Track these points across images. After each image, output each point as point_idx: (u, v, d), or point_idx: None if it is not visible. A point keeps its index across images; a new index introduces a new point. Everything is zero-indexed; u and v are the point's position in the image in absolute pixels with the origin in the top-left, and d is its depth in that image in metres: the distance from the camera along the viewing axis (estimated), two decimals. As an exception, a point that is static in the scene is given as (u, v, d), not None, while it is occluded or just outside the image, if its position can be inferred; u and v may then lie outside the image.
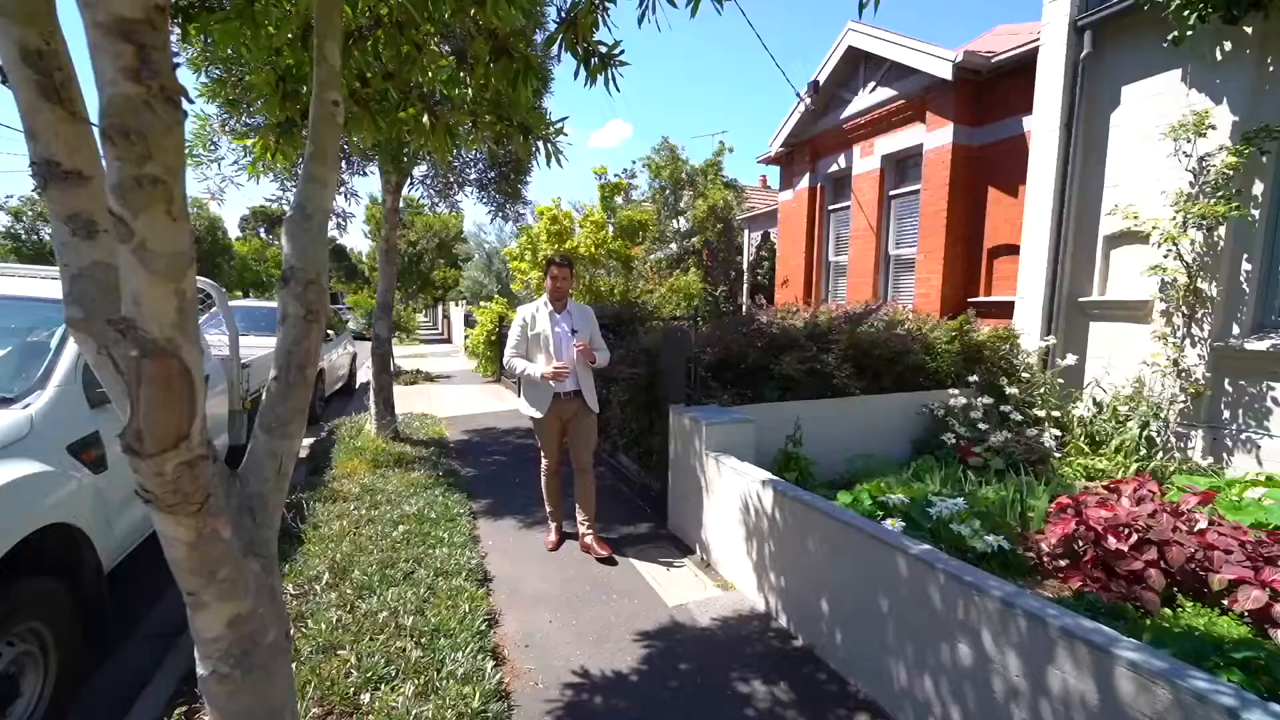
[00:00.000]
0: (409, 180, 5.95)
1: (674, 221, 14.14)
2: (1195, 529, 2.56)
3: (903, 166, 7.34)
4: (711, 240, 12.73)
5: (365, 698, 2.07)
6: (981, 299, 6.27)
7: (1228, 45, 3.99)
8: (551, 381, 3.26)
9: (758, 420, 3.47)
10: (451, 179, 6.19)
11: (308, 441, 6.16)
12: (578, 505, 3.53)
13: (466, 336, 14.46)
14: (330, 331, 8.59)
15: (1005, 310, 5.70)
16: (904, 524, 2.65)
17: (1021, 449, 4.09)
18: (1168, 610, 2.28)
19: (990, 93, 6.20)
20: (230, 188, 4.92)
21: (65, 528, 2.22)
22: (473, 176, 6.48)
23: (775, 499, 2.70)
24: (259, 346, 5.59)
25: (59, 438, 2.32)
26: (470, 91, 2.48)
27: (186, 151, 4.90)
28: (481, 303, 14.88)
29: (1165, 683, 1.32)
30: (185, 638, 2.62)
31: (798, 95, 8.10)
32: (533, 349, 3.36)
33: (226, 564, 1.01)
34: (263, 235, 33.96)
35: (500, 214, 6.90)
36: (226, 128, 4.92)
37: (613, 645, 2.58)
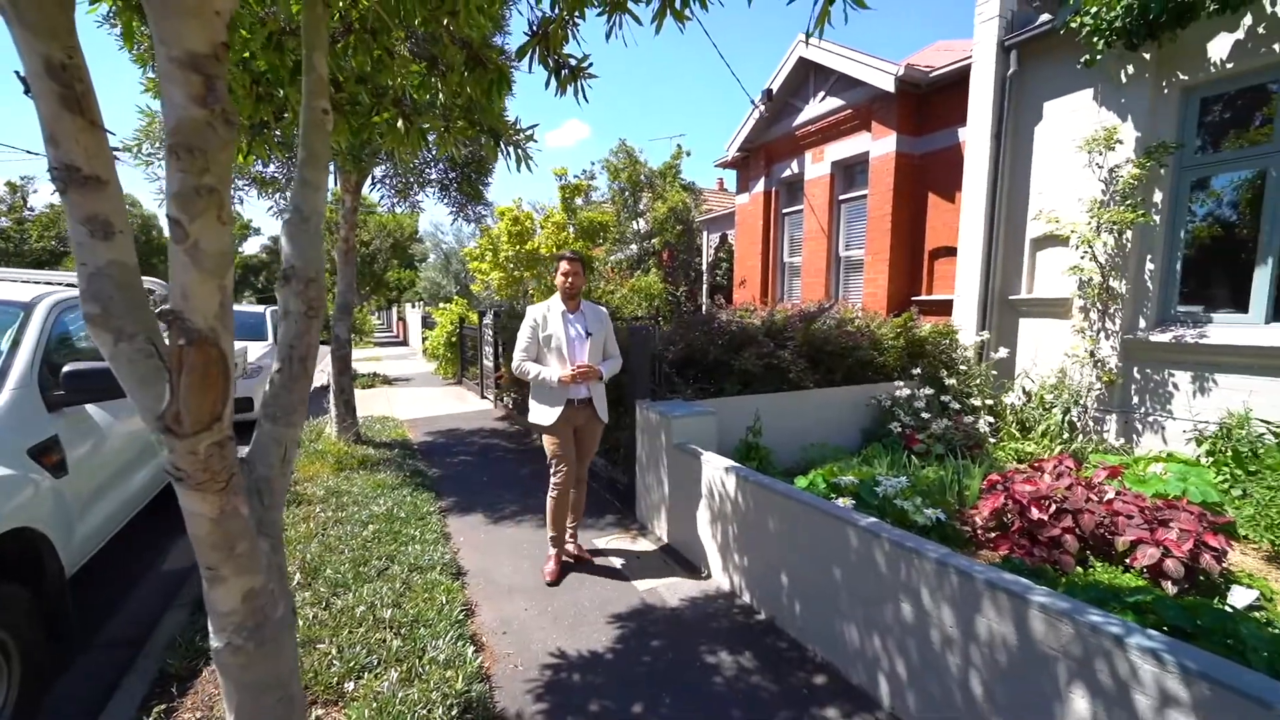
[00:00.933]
0: (368, 179, 5.90)
1: (634, 223, 14.32)
2: (1104, 499, 2.89)
3: (851, 172, 7.73)
4: (671, 241, 12.96)
5: (349, 685, 2.13)
6: (924, 298, 6.70)
7: (1131, 69, 4.45)
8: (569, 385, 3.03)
9: (720, 413, 3.66)
10: (411, 179, 6.15)
11: (264, 447, 6.00)
12: (570, 514, 3.35)
13: (425, 338, 14.21)
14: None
15: (945, 308, 6.12)
16: (854, 502, 2.89)
17: (960, 435, 4.44)
18: (1080, 569, 2.58)
19: (929, 105, 6.63)
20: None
21: (28, 532, 2.18)
22: (433, 177, 6.46)
23: (738, 484, 2.89)
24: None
25: (18, 442, 2.27)
26: (442, 96, 2.56)
27: (135, 149, 4.74)
28: (441, 304, 14.64)
29: (1068, 619, 1.55)
30: (152, 644, 2.60)
31: (752, 102, 8.41)
32: (543, 352, 3.12)
33: (244, 539, 1.09)
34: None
35: (462, 215, 6.89)
36: None
37: (587, 628, 2.70)
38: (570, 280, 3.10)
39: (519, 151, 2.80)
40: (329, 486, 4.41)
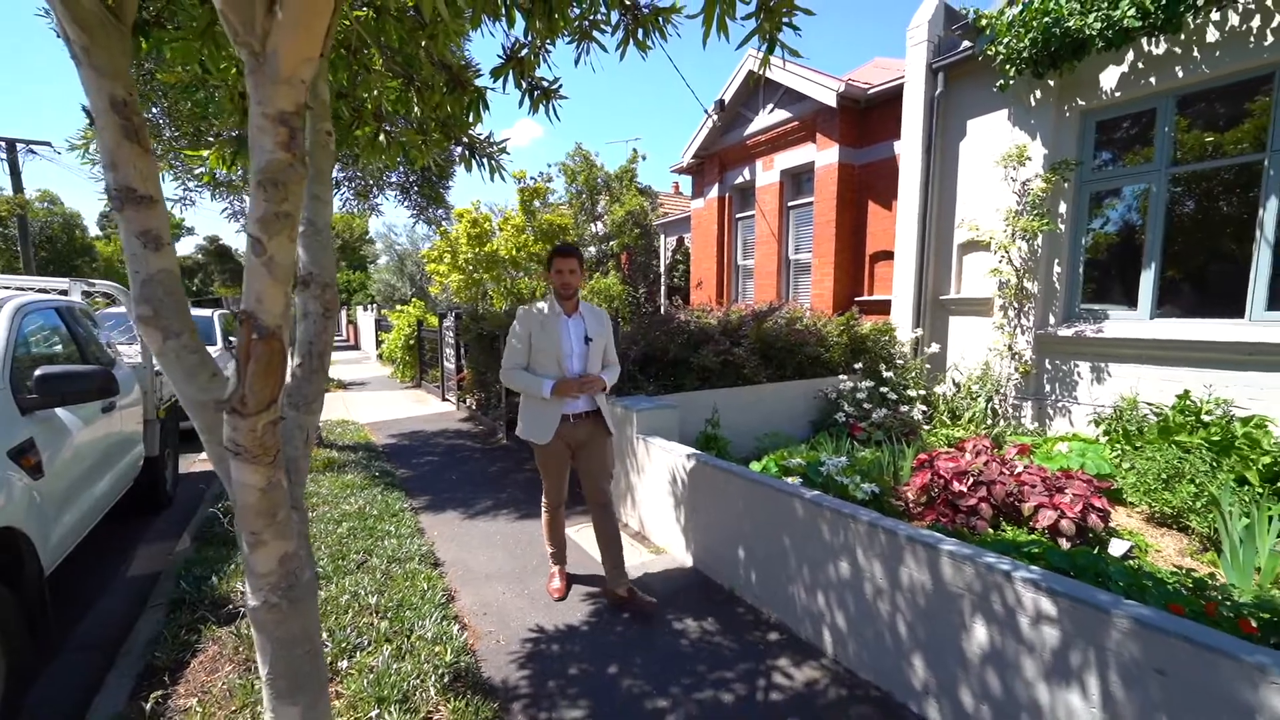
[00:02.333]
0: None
1: (591, 225, 14.53)
2: (1014, 473, 3.32)
3: (799, 180, 8.20)
4: (629, 244, 13.24)
5: (343, 664, 2.27)
6: (865, 298, 7.21)
7: (1038, 93, 5.00)
8: (572, 396, 2.67)
9: (680, 407, 3.94)
10: (371, 182, 6.17)
11: (220, 453, 5.90)
12: (603, 552, 2.90)
13: (381, 342, 13.97)
14: (233, 339, 8.15)
15: (884, 307, 6.62)
16: (801, 481, 3.21)
17: (897, 423, 4.88)
18: (993, 531, 2.99)
19: (868, 119, 7.15)
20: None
21: (10, 533, 2.21)
22: (393, 179, 6.49)
23: (698, 469, 3.16)
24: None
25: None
26: (418, 110, 2.72)
27: (82, 149, 4.67)
28: (397, 306, 14.43)
29: (969, 562, 1.89)
30: (132, 642, 2.65)
31: (706, 112, 8.77)
32: (536, 359, 2.75)
33: (283, 508, 1.26)
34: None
35: (423, 218, 6.94)
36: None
37: (564, 606, 2.91)
38: (568, 278, 2.72)
39: (492, 163, 3.00)
40: (296, 488, 4.43)
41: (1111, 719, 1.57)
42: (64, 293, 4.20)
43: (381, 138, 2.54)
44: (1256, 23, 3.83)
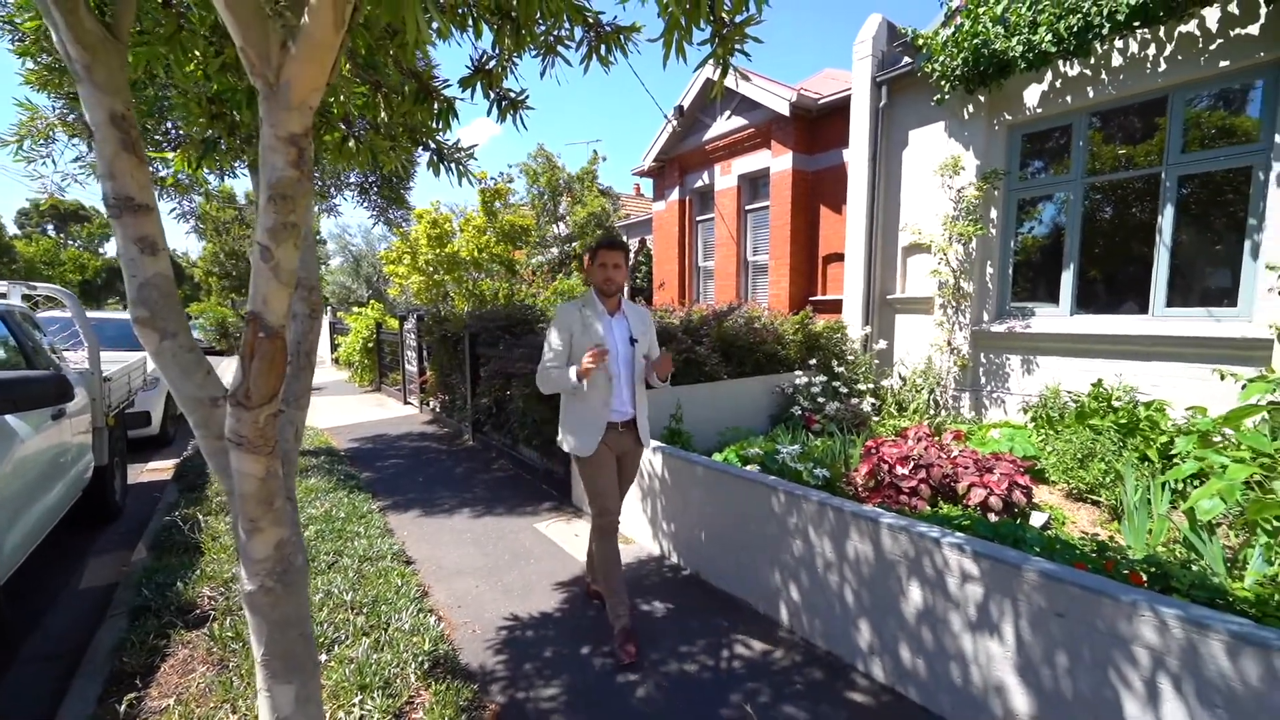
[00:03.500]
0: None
1: (554, 226, 14.56)
2: (950, 456, 3.62)
3: (755, 185, 8.51)
4: (592, 246, 13.33)
5: (323, 657, 2.33)
6: (819, 298, 7.56)
7: (970, 108, 5.40)
8: (607, 402, 2.48)
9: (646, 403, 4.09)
10: (329, 182, 6.10)
11: (171, 462, 5.74)
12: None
13: (337, 345, 13.61)
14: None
15: (836, 306, 6.97)
16: (759, 469, 3.42)
17: (849, 415, 5.18)
18: (931, 509, 3.27)
19: (819, 127, 7.50)
20: (72, 185, 4.51)
21: (-32, 541, 2.18)
22: (352, 179, 6.43)
23: (664, 462, 3.33)
24: (111, 361, 5.11)
25: (-48, 451, 2.25)
26: (384, 115, 2.79)
27: (17, 145, 4.52)
28: (354, 309, 14.08)
29: (905, 532, 2.12)
30: (95, 649, 2.61)
31: (665, 117, 8.98)
32: (578, 359, 2.47)
33: (280, 496, 1.35)
34: (52, 234, 28.34)
35: (383, 219, 6.88)
36: (66, 121, 4.51)
37: (537, 597, 3.03)
38: (612, 273, 2.52)
39: (459, 168, 3.08)
40: (257, 494, 4.37)
41: (1023, 659, 1.82)
42: (3, 296, 4.03)
43: (351, 143, 2.60)
44: (1152, 51, 4.29)
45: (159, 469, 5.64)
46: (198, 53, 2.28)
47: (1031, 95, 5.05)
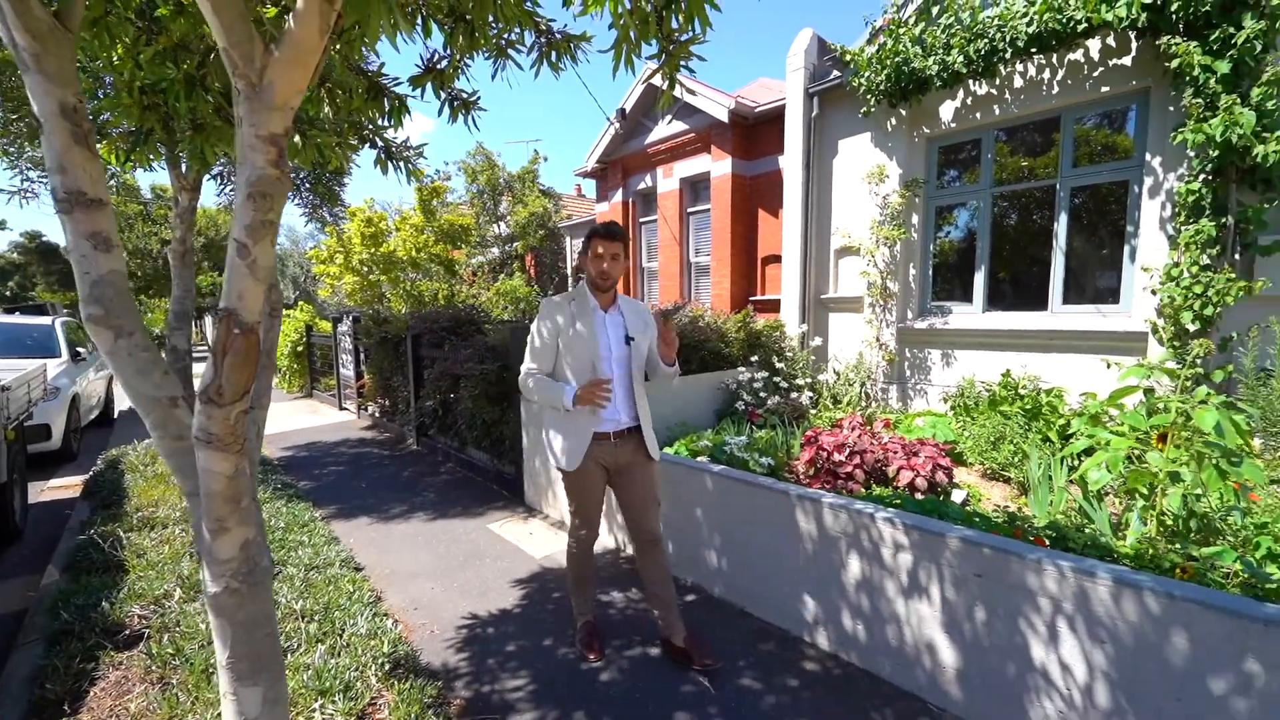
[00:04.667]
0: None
1: (495, 226, 14.34)
2: (882, 443, 3.92)
3: (697, 188, 8.75)
4: (535, 246, 13.24)
5: (274, 666, 2.26)
6: (758, 298, 7.88)
7: (894, 121, 5.82)
8: (596, 408, 2.16)
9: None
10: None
11: (77, 479, 5.28)
12: (652, 596, 2.42)
13: (261, 350, 12.79)
14: (80, 350, 7.19)
15: (775, 306, 7.29)
16: (709, 459, 3.57)
17: (789, 408, 5.45)
18: (865, 491, 3.53)
19: (756, 134, 7.82)
20: None
21: None
22: (281, 176, 6.11)
23: (618, 456, 3.42)
24: (6, 370, 4.64)
25: None
26: (328, 110, 2.74)
27: None
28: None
29: (844, 510, 2.31)
30: (8, 679, 2.41)
31: (608, 119, 9.08)
32: (566, 364, 2.25)
33: (247, 495, 1.34)
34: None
35: (315, 217, 6.59)
36: None
37: (495, 594, 3.04)
38: (608, 265, 2.23)
39: (409, 166, 3.05)
40: (183, 509, 4.11)
41: (948, 617, 2.04)
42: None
43: (298, 139, 2.53)
44: (1047, 75, 4.80)
45: (63, 486, 5.17)
46: (127, 39, 2.17)
47: (946, 111, 5.51)
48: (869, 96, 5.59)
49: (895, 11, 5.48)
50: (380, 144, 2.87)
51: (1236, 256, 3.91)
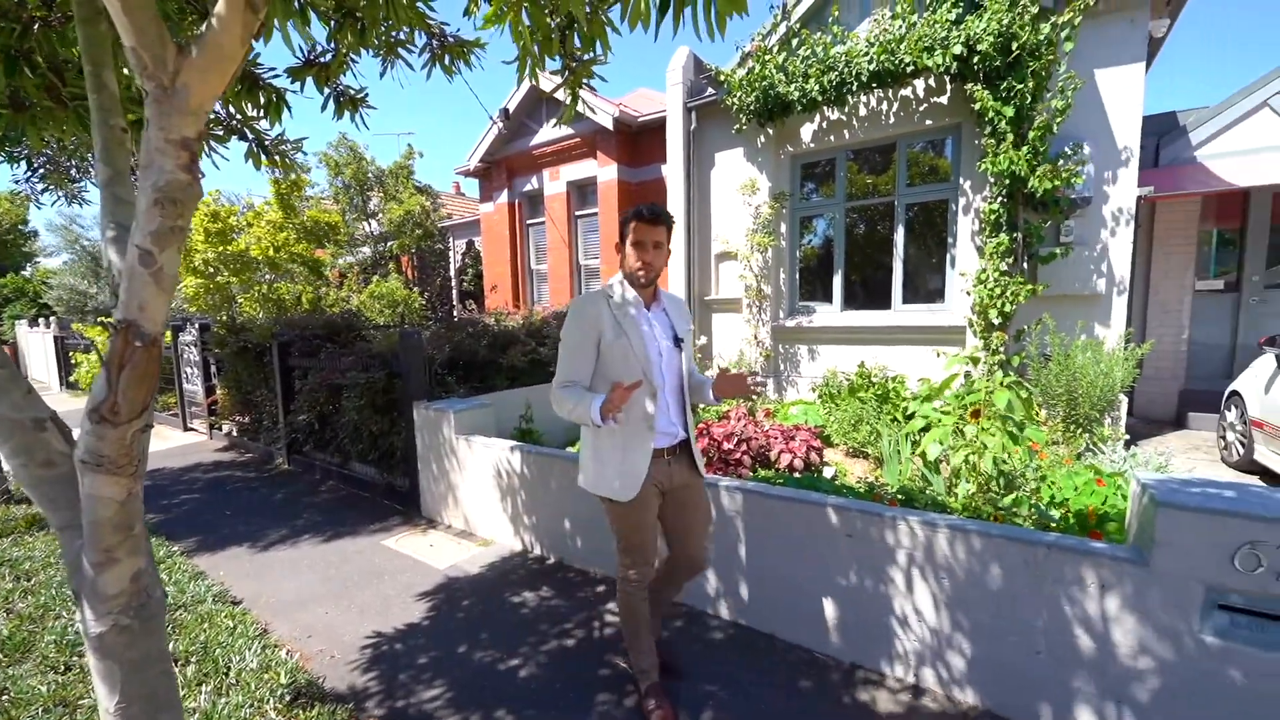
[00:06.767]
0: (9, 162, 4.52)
1: (364, 224, 13.32)
2: (764, 430, 4.34)
3: (584, 192, 8.88)
4: (413, 246, 12.52)
5: (146, 717, 2.01)
6: (648, 299, 8.19)
7: (763, 138, 6.40)
8: (649, 422, 1.90)
9: (494, 405, 4.14)
10: (74, 163, 4.90)
11: None
12: (654, 602, 2.16)
13: (73, 366, 10.75)
14: None
15: (663, 307, 7.64)
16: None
17: (680, 404, 5.78)
18: (752, 474, 3.90)
19: (640, 142, 8.13)
20: None
21: None
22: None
23: (522, 459, 3.45)
24: None
25: None
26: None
27: None
28: (98, 319, 11.18)
29: (739, 491, 2.58)
30: None
31: (491, 119, 8.90)
32: (611, 373, 1.90)
33: (139, 521, 1.23)
34: None
35: (149, 211, 5.72)
36: None
37: (398, 609, 2.93)
38: (652, 255, 1.90)
39: (284, 160, 2.84)
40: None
41: (826, 576, 2.37)
42: None
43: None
44: (885, 107, 5.59)
45: None
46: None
47: (806, 132, 6.17)
48: (741, 115, 6.10)
49: (761, 39, 6.03)
50: (251, 136, 2.65)
51: (1025, 264, 4.86)
